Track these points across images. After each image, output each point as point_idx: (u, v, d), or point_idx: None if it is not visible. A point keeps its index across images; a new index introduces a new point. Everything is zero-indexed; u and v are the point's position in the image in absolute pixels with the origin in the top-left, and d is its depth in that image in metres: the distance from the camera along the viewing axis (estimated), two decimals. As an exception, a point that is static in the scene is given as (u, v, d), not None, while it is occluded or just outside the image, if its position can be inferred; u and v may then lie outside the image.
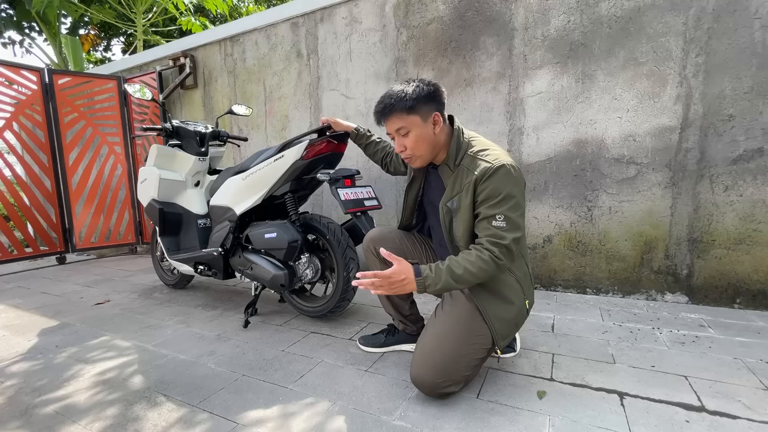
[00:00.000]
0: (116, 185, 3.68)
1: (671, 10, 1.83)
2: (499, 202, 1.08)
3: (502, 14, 2.16)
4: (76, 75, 3.52)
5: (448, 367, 1.12)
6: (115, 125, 3.63)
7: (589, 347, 1.47)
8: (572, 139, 2.06)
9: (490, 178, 1.10)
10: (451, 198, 1.19)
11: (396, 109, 1.16)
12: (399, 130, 1.18)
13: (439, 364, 1.12)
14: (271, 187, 1.76)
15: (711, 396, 1.13)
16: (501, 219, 1.08)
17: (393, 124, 1.19)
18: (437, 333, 1.18)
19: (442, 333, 1.17)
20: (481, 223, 1.12)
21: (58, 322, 1.97)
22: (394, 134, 1.21)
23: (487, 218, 1.10)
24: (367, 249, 1.45)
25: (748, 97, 1.74)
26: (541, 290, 2.20)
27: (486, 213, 1.10)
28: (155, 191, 2.14)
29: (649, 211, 1.94)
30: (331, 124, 1.72)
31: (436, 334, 1.18)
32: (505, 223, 1.08)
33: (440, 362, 1.12)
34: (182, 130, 2.17)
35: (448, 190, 1.21)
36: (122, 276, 2.96)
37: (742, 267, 1.80)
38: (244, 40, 3.07)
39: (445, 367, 1.12)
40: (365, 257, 1.48)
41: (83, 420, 1.13)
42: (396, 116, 1.17)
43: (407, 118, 1.16)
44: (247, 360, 1.47)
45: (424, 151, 1.20)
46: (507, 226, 1.08)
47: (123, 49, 10.48)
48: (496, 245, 1.07)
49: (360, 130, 1.72)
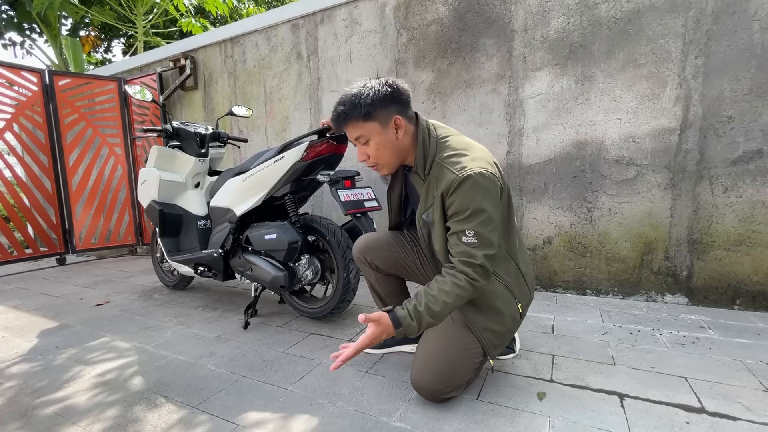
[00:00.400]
0: (116, 186, 3.68)
1: (670, 11, 1.83)
2: (468, 217, 1.01)
3: (502, 16, 2.17)
4: (76, 76, 3.53)
5: (448, 373, 1.11)
6: (115, 126, 3.64)
7: (589, 348, 1.47)
8: (572, 140, 2.06)
9: (456, 192, 1.02)
10: (425, 210, 1.13)
11: (351, 118, 1.07)
12: (358, 138, 1.10)
13: (439, 371, 1.10)
14: (271, 189, 1.76)
15: (711, 397, 1.13)
16: (471, 235, 1.02)
17: (351, 132, 1.10)
18: (436, 339, 1.16)
19: (441, 340, 1.15)
20: (452, 238, 1.06)
21: (58, 323, 1.97)
22: (354, 142, 1.13)
23: (456, 233, 1.04)
24: (359, 260, 1.45)
25: (748, 99, 1.74)
26: (541, 291, 2.20)
27: (456, 228, 1.04)
28: (155, 192, 2.14)
29: (648, 212, 1.94)
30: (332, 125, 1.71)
31: (435, 341, 1.16)
32: (475, 239, 1.01)
33: (440, 369, 1.10)
34: (182, 131, 2.17)
35: (422, 202, 1.14)
36: (122, 277, 2.96)
37: (741, 268, 1.80)
38: (245, 42, 3.07)
39: (445, 373, 1.11)
40: (358, 266, 1.48)
41: (83, 421, 1.13)
42: (352, 125, 1.08)
43: (364, 125, 1.07)
44: (247, 361, 1.47)
45: (389, 159, 1.12)
46: (477, 242, 1.01)
47: (123, 50, 10.49)
48: (468, 265, 1.01)
49: None
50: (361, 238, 1.45)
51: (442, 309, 1.01)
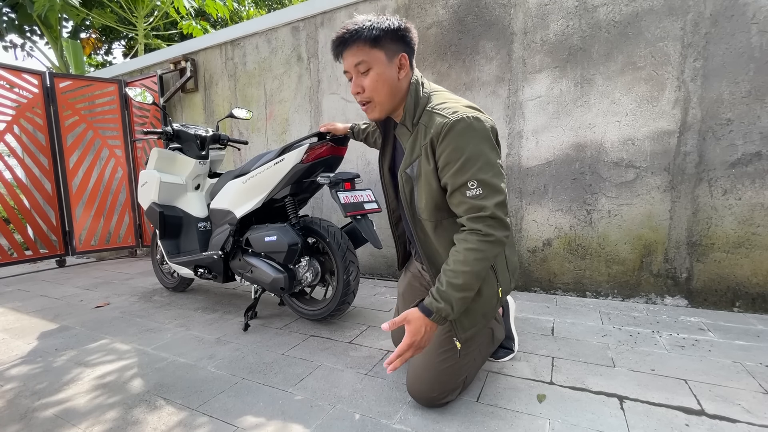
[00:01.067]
0: (116, 188, 3.68)
1: (669, 15, 1.84)
2: (464, 165, 0.93)
3: (502, 19, 2.18)
4: (77, 78, 3.54)
5: (441, 381, 1.10)
6: (115, 128, 3.64)
7: (589, 350, 1.47)
8: (571, 142, 2.07)
9: (448, 136, 0.93)
10: (410, 164, 1.03)
11: (359, 39, 0.98)
12: (358, 65, 1.01)
13: (430, 380, 1.09)
14: (272, 191, 1.76)
15: (711, 399, 1.13)
16: (474, 186, 0.93)
17: (352, 56, 1.01)
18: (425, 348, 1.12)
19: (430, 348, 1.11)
20: (454, 197, 0.97)
21: (58, 325, 1.97)
22: (351, 71, 1.03)
23: (458, 189, 0.95)
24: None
25: (746, 101, 1.75)
26: (540, 293, 2.21)
27: (454, 182, 0.95)
28: (156, 194, 2.15)
29: (648, 214, 1.95)
30: (329, 130, 1.71)
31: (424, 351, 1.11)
32: (479, 189, 0.93)
33: (431, 378, 1.09)
34: (183, 133, 2.18)
35: (407, 155, 1.04)
36: (122, 279, 2.95)
37: (741, 270, 1.80)
38: (245, 44, 3.08)
39: (438, 381, 1.10)
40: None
41: (83, 423, 1.13)
42: (357, 47, 0.99)
43: (370, 52, 0.99)
44: (247, 363, 1.47)
45: (384, 96, 1.03)
46: (482, 192, 0.92)
47: (124, 52, 10.52)
48: (478, 220, 0.93)
49: (354, 127, 1.70)
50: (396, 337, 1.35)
51: (465, 280, 0.94)
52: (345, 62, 1.04)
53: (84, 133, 3.52)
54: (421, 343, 0.99)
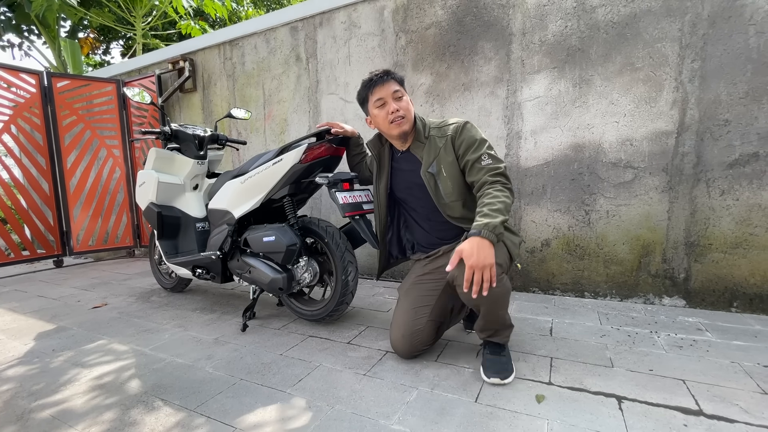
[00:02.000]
0: (114, 188, 3.67)
1: (667, 16, 1.85)
2: (478, 146, 1.34)
3: (500, 19, 2.18)
4: (75, 78, 3.53)
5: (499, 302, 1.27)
6: (113, 128, 3.63)
7: (587, 351, 1.47)
8: (570, 143, 2.07)
9: (463, 131, 1.38)
10: (430, 164, 1.41)
11: (395, 77, 1.41)
12: (395, 92, 1.40)
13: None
14: (270, 191, 1.76)
15: (709, 400, 1.13)
16: (487, 158, 1.32)
17: (391, 86, 1.39)
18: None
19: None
20: (473, 168, 1.33)
21: (55, 325, 1.96)
22: (389, 98, 1.39)
23: (475, 161, 1.33)
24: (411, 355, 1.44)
25: (744, 102, 1.75)
26: (539, 294, 2.21)
27: (472, 157, 1.33)
28: (153, 194, 2.14)
29: (646, 215, 1.95)
30: (335, 127, 1.72)
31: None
32: (491, 160, 1.32)
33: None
34: (181, 133, 2.17)
35: (425, 160, 1.42)
36: (120, 279, 2.95)
37: (738, 271, 1.81)
38: (244, 44, 3.08)
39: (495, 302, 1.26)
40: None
41: (80, 425, 1.12)
42: (394, 82, 1.41)
43: (400, 87, 1.42)
44: (245, 364, 1.46)
45: (411, 114, 1.43)
46: (493, 161, 1.31)
47: (122, 52, 10.49)
48: (497, 175, 1.28)
49: (360, 140, 1.83)
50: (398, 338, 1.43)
51: (500, 206, 1.20)
52: (383, 90, 1.40)
53: (82, 133, 3.51)
54: (479, 260, 1.11)
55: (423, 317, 1.40)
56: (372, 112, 1.45)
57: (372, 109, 1.44)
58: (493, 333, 1.34)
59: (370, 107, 1.44)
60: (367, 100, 1.45)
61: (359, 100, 1.49)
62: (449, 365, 1.39)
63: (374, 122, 1.48)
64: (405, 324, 1.41)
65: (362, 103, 1.49)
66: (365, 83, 1.44)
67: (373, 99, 1.41)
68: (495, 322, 1.31)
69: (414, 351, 1.41)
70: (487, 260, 1.11)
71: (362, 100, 1.48)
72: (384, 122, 1.42)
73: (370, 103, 1.44)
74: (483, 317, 1.30)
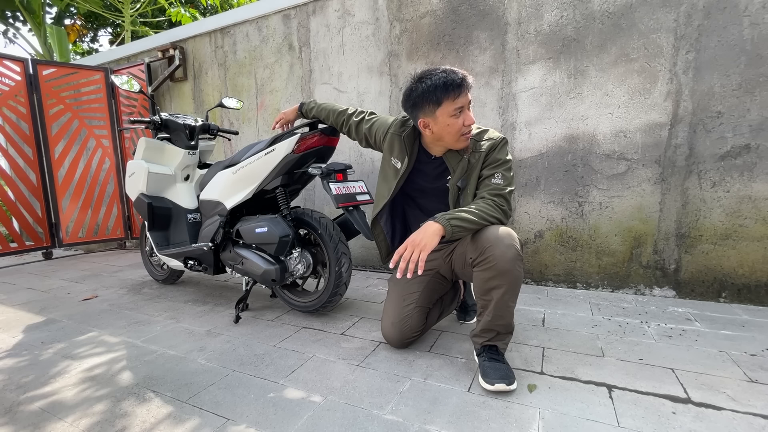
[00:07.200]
0: (104, 179, 3.61)
1: (663, 6, 1.84)
2: (500, 164, 1.32)
3: (496, 9, 2.16)
4: (61, 66, 3.44)
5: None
6: (102, 118, 3.56)
7: (579, 341, 1.49)
8: (564, 134, 2.07)
9: (500, 147, 1.34)
10: (461, 177, 1.37)
11: (469, 87, 1.27)
12: (470, 103, 1.30)
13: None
14: (262, 181, 1.74)
15: (697, 388, 1.15)
16: (499, 177, 1.30)
17: (469, 94, 1.28)
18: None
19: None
20: (483, 182, 1.33)
21: (44, 318, 1.94)
22: (467, 106, 1.28)
23: (488, 177, 1.32)
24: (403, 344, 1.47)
25: (737, 94, 1.76)
26: (531, 285, 2.22)
27: (487, 173, 1.32)
28: (144, 185, 2.11)
29: (638, 206, 1.96)
30: (281, 121, 1.83)
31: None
32: (502, 180, 1.30)
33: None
34: (171, 123, 2.13)
35: (457, 172, 1.37)
36: (110, 271, 2.91)
37: (728, 262, 1.83)
38: (235, 32, 3.02)
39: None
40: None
41: (70, 417, 1.11)
42: (469, 91, 1.27)
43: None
44: (238, 355, 1.46)
45: None
46: (504, 182, 1.30)
47: (110, 40, 10.27)
48: (496, 195, 1.27)
49: (305, 105, 1.79)
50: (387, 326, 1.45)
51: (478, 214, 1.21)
52: (464, 98, 1.25)
53: (69, 123, 3.43)
54: (417, 239, 1.15)
55: (411, 304, 1.42)
56: (442, 119, 1.25)
57: (443, 116, 1.24)
58: (495, 336, 1.24)
59: (441, 113, 1.24)
60: (438, 103, 1.23)
61: (418, 97, 1.26)
62: (442, 355, 1.40)
63: (437, 128, 1.29)
64: (394, 312, 1.43)
65: (423, 102, 1.26)
66: (441, 84, 1.21)
67: (453, 106, 1.23)
68: (502, 317, 1.21)
69: (404, 338, 1.42)
70: (424, 242, 1.14)
71: (427, 100, 1.25)
72: (455, 133, 1.27)
73: (442, 107, 1.23)
74: (492, 311, 1.20)
